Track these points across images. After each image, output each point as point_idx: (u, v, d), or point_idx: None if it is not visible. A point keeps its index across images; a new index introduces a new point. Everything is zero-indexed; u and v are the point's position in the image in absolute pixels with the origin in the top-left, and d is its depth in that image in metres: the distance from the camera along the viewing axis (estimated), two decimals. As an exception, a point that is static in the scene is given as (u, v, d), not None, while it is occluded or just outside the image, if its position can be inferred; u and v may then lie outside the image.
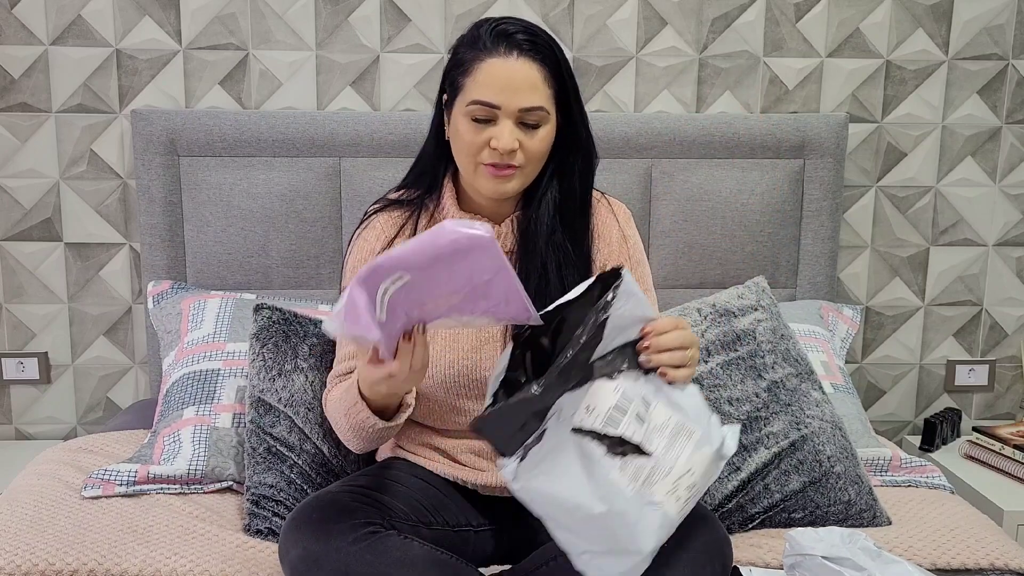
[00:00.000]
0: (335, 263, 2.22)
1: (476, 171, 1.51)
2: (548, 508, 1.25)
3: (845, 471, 1.76)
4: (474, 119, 1.48)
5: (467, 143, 1.49)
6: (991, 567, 1.61)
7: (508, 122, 1.47)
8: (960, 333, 2.54)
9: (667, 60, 2.33)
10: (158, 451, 1.82)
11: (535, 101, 1.47)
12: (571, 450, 1.23)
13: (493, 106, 1.46)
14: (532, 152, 1.50)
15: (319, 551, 1.36)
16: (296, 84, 2.28)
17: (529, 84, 1.47)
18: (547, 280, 1.56)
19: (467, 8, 2.27)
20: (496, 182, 1.51)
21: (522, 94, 1.46)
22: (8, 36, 2.22)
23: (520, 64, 1.47)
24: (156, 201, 2.18)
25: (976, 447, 2.36)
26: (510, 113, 1.47)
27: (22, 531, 1.59)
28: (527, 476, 1.23)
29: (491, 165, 1.49)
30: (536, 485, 1.23)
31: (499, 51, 1.47)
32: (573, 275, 1.57)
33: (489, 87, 1.46)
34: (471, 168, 1.52)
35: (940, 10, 2.35)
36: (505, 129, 1.47)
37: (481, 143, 1.48)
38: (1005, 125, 2.43)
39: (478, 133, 1.48)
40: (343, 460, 1.75)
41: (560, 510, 1.24)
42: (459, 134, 1.50)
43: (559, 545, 1.29)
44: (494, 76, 1.46)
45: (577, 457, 1.23)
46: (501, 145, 1.46)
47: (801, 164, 2.29)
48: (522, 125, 1.49)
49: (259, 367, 1.78)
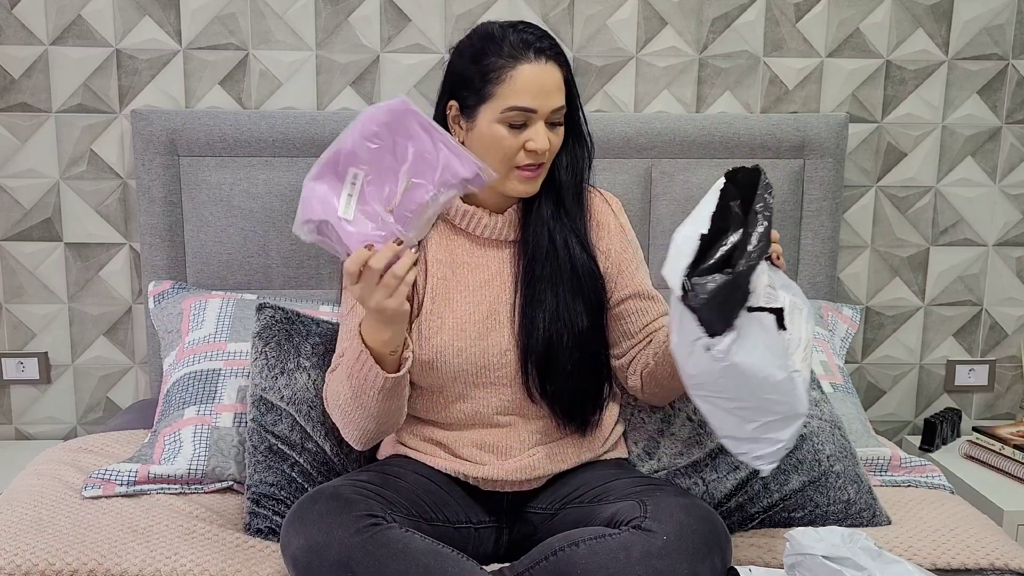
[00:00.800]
0: (335, 263, 2.21)
1: (509, 174, 1.59)
2: (742, 383, 1.33)
3: (844, 470, 1.76)
4: (511, 125, 1.56)
5: (504, 148, 1.56)
6: (991, 567, 1.61)
7: (542, 124, 1.56)
8: (960, 333, 2.54)
9: (667, 60, 2.33)
10: (158, 451, 1.82)
11: (561, 101, 1.58)
12: (753, 324, 1.33)
13: (531, 111, 1.55)
14: (555, 148, 1.61)
15: (321, 543, 1.36)
16: (296, 84, 2.28)
17: (556, 86, 1.57)
18: (556, 258, 1.63)
19: (467, 8, 2.27)
20: (529, 183, 1.60)
21: (553, 97, 1.56)
22: (8, 36, 2.22)
23: (549, 68, 1.56)
24: (156, 201, 2.18)
25: (976, 447, 2.36)
26: (544, 115, 1.56)
27: (22, 531, 1.59)
28: (735, 351, 1.31)
29: (526, 168, 1.58)
30: (739, 359, 1.31)
31: (529, 58, 1.55)
32: (579, 251, 1.65)
33: (526, 92, 1.54)
34: (505, 171, 1.58)
35: (940, 10, 2.36)
36: (541, 131, 1.56)
37: (518, 146, 1.56)
38: (1005, 125, 2.43)
39: (515, 137, 1.56)
40: (345, 459, 1.75)
41: (752, 382, 1.33)
42: (494, 140, 1.57)
43: (718, 435, 1.42)
44: (530, 82, 1.54)
45: (760, 330, 1.33)
46: (539, 146, 1.55)
47: (801, 164, 2.29)
48: (549, 125, 1.58)
49: (261, 366, 1.78)
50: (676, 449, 1.78)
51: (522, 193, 1.61)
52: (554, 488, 1.64)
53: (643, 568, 1.33)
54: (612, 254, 1.70)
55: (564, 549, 1.39)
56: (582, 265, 1.64)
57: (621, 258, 1.71)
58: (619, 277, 1.69)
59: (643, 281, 1.72)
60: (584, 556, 1.36)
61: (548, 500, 1.62)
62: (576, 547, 1.38)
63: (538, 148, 1.55)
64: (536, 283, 1.62)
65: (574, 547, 1.38)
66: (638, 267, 1.72)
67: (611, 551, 1.35)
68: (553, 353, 1.61)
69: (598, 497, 1.55)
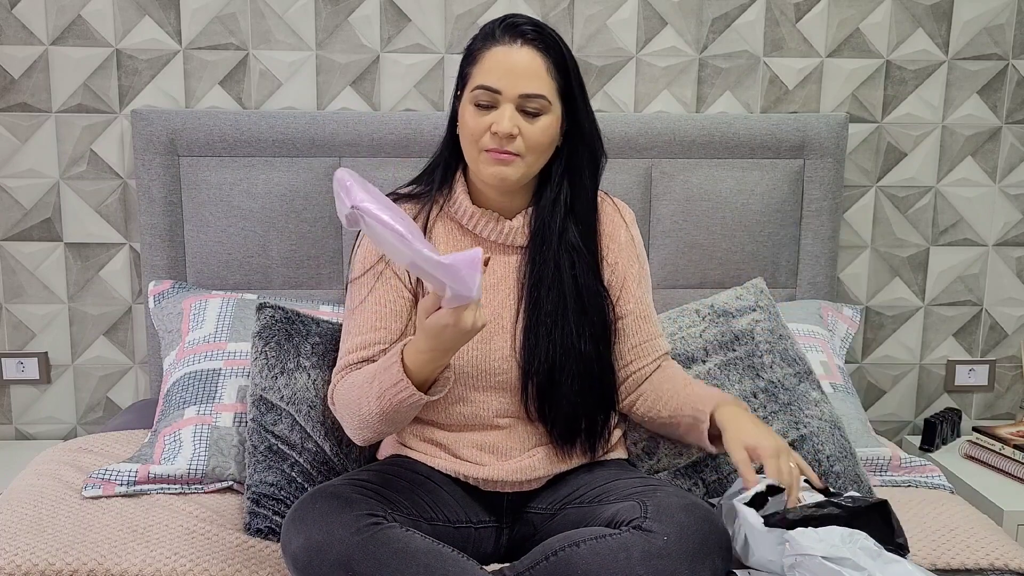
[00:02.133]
0: (335, 263, 2.22)
1: (479, 157, 1.55)
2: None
3: (844, 471, 1.76)
4: (477, 104, 1.53)
5: (470, 128, 1.54)
6: (991, 567, 1.61)
7: (509, 107, 1.52)
8: (960, 333, 2.54)
9: (667, 60, 2.33)
10: (158, 451, 1.82)
11: (536, 88, 1.52)
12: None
13: (494, 90, 1.51)
14: (532, 140, 1.54)
15: (321, 542, 1.36)
16: (296, 84, 2.28)
17: (531, 71, 1.52)
18: (560, 277, 1.61)
19: (467, 8, 2.27)
20: (496, 167, 1.54)
21: (523, 80, 1.51)
22: (8, 36, 2.22)
23: (523, 52, 1.52)
24: (156, 201, 2.18)
25: (976, 447, 2.36)
26: (511, 98, 1.52)
27: (22, 531, 1.59)
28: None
29: (492, 150, 1.53)
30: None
31: (504, 40, 1.53)
32: (585, 273, 1.62)
33: (492, 72, 1.51)
34: (475, 154, 1.56)
35: (940, 10, 2.36)
36: (505, 113, 1.52)
37: (483, 128, 1.53)
38: (1005, 125, 2.43)
39: (480, 117, 1.53)
40: (345, 458, 1.75)
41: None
42: (464, 121, 1.56)
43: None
44: (497, 62, 1.52)
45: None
46: (501, 129, 1.51)
47: (801, 164, 2.29)
48: (523, 112, 1.53)
49: (261, 365, 1.78)
50: (676, 449, 1.78)
51: (492, 178, 1.55)
52: (554, 488, 1.63)
53: (643, 569, 1.33)
54: (618, 268, 1.69)
55: (564, 549, 1.38)
56: (589, 292, 1.62)
57: (627, 273, 1.69)
58: (621, 292, 1.68)
59: (642, 299, 1.71)
60: (584, 556, 1.36)
61: (548, 500, 1.62)
62: (576, 547, 1.38)
63: (500, 131, 1.50)
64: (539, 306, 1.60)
65: (574, 547, 1.38)
66: (639, 283, 1.71)
67: (611, 551, 1.35)
68: (555, 379, 1.59)
69: (598, 497, 1.55)
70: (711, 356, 1.85)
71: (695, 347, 1.87)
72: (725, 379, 1.83)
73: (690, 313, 1.93)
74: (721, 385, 1.82)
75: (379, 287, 1.62)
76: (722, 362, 1.84)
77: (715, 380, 1.82)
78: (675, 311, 1.95)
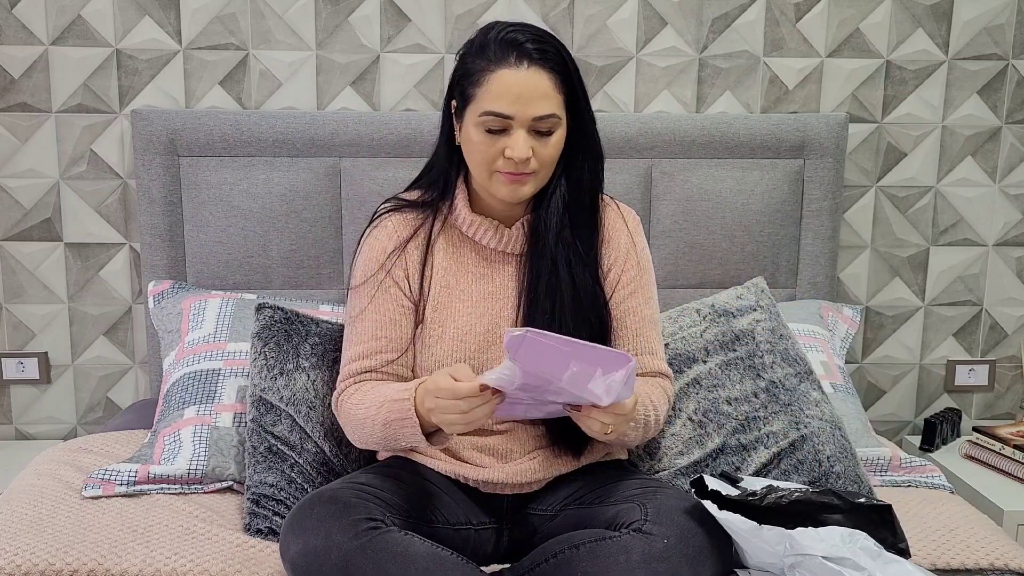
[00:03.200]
0: (335, 263, 2.22)
1: (491, 178, 1.54)
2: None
3: (845, 471, 1.76)
4: (488, 130, 1.50)
5: (481, 153, 1.52)
6: (991, 567, 1.61)
7: (521, 131, 1.49)
8: (960, 333, 2.54)
9: (667, 60, 2.33)
10: (158, 451, 1.82)
11: (547, 109, 1.49)
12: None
13: (506, 117, 1.48)
14: (545, 158, 1.53)
15: (320, 547, 1.36)
16: (296, 84, 2.28)
17: (541, 93, 1.49)
18: (557, 276, 1.59)
19: (467, 8, 2.27)
20: (512, 187, 1.54)
21: (534, 104, 1.48)
22: (8, 36, 2.22)
23: (531, 74, 1.48)
24: (156, 201, 2.18)
25: (976, 447, 2.36)
26: (523, 123, 1.49)
27: (22, 531, 1.59)
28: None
29: (508, 173, 1.52)
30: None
31: (509, 61, 1.48)
32: (583, 272, 1.60)
33: (501, 98, 1.48)
34: (486, 175, 1.54)
35: (940, 10, 2.35)
36: (519, 139, 1.49)
37: (495, 153, 1.51)
38: (1005, 125, 2.43)
39: (492, 143, 1.51)
40: (344, 459, 1.75)
41: None
42: (472, 143, 1.53)
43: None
44: (506, 87, 1.48)
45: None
46: (516, 155, 1.49)
47: (801, 164, 2.29)
48: (535, 133, 1.51)
49: (261, 366, 1.78)
50: (676, 449, 1.78)
51: (508, 197, 1.55)
52: (555, 490, 1.63)
53: (643, 571, 1.33)
54: (614, 272, 1.67)
55: (564, 551, 1.38)
56: (586, 293, 1.60)
57: (624, 278, 1.67)
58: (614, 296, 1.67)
59: (636, 309, 1.67)
60: (584, 558, 1.36)
61: (549, 502, 1.62)
62: (576, 549, 1.38)
63: (515, 156, 1.49)
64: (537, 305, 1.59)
65: (574, 549, 1.38)
66: (635, 292, 1.68)
67: (611, 554, 1.35)
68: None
69: (599, 499, 1.55)
70: (712, 356, 1.85)
71: (695, 347, 1.86)
72: (726, 379, 1.83)
73: (690, 313, 1.92)
74: (721, 385, 1.82)
75: (379, 296, 1.62)
76: (723, 362, 1.84)
77: (716, 380, 1.82)
78: (675, 311, 1.95)
